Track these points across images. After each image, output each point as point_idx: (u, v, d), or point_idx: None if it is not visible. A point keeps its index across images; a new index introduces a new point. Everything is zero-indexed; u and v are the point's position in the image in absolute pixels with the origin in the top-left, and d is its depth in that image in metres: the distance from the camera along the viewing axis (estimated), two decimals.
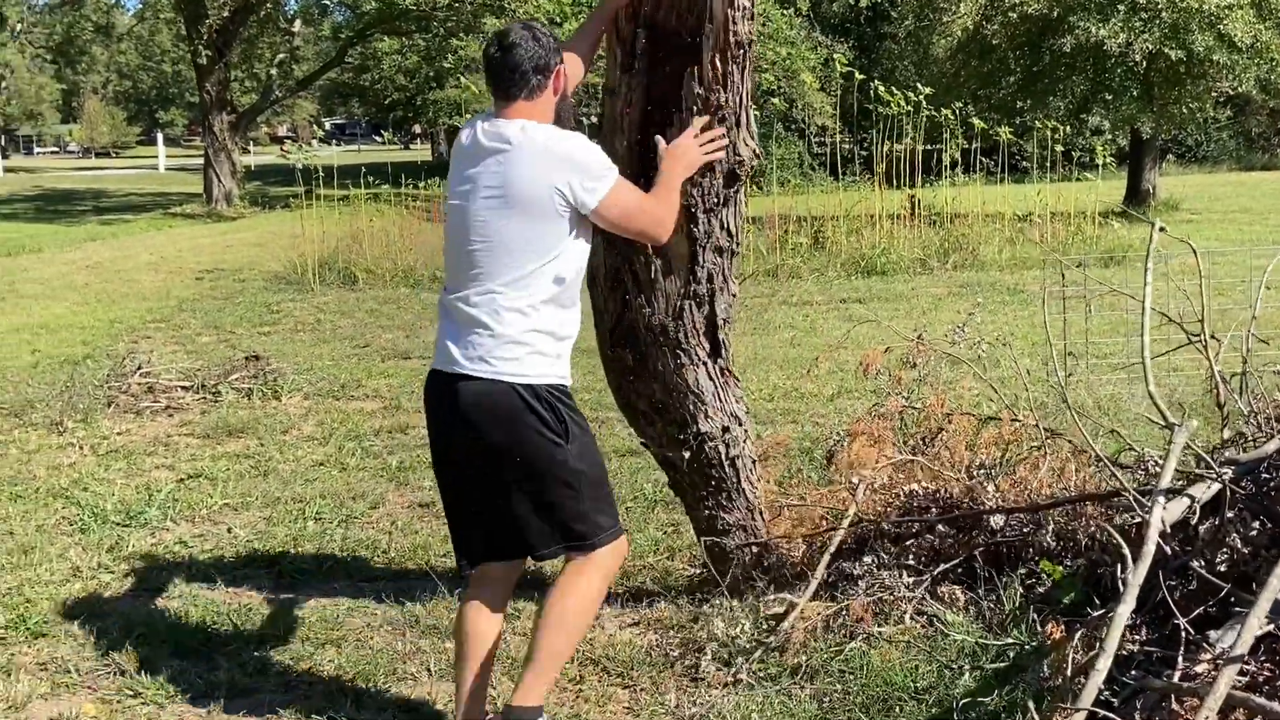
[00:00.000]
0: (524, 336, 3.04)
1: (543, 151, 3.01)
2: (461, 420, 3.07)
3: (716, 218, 3.70)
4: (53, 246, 19.34)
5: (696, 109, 3.55)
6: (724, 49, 3.54)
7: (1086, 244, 15.21)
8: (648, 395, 3.90)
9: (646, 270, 3.71)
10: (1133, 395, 6.52)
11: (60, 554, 4.83)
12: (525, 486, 3.08)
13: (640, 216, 3.18)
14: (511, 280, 3.03)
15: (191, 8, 26.34)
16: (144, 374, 7.92)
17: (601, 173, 3.07)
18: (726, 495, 4.11)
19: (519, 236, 3.01)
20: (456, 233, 3.11)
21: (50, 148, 79.51)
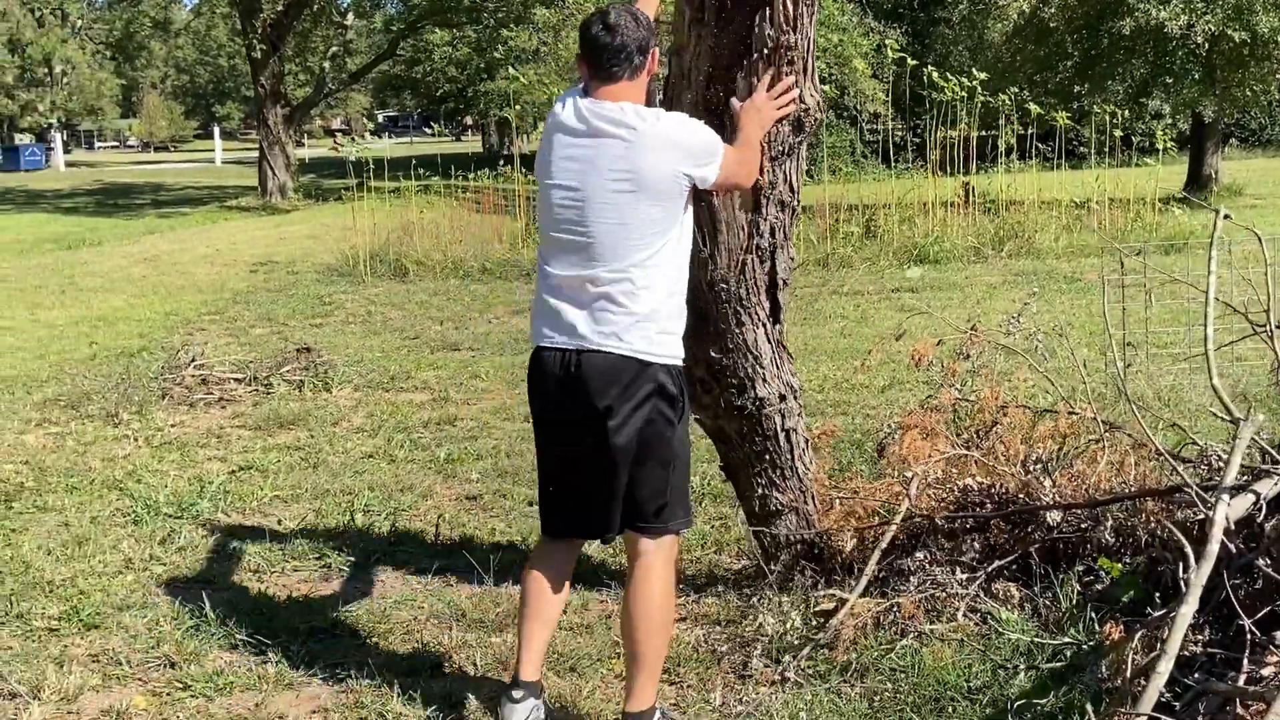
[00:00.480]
0: (655, 315, 3.15)
1: (667, 141, 3.13)
2: (585, 393, 3.14)
3: (781, 168, 3.74)
4: (112, 240, 19.61)
5: (767, 52, 3.59)
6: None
7: (1146, 230, 14.92)
8: (705, 360, 3.90)
9: (712, 224, 3.74)
10: (1194, 386, 6.38)
11: (113, 545, 4.86)
12: (630, 462, 3.17)
13: (739, 173, 3.34)
14: (643, 260, 3.13)
15: (246, 2, 26.58)
16: (198, 366, 7.99)
17: (715, 150, 3.21)
18: (780, 473, 4.09)
19: (648, 218, 3.13)
20: (574, 212, 3.15)
21: (111, 142, 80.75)
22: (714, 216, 3.73)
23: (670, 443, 3.20)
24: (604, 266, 3.12)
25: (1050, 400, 5.11)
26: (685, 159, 3.14)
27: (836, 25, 22.62)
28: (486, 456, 6.19)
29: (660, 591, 3.23)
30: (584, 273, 3.15)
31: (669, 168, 3.11)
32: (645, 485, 3.20)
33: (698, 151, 3.17)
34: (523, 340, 9.52)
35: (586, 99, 3.17)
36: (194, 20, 43.96)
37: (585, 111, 3.15)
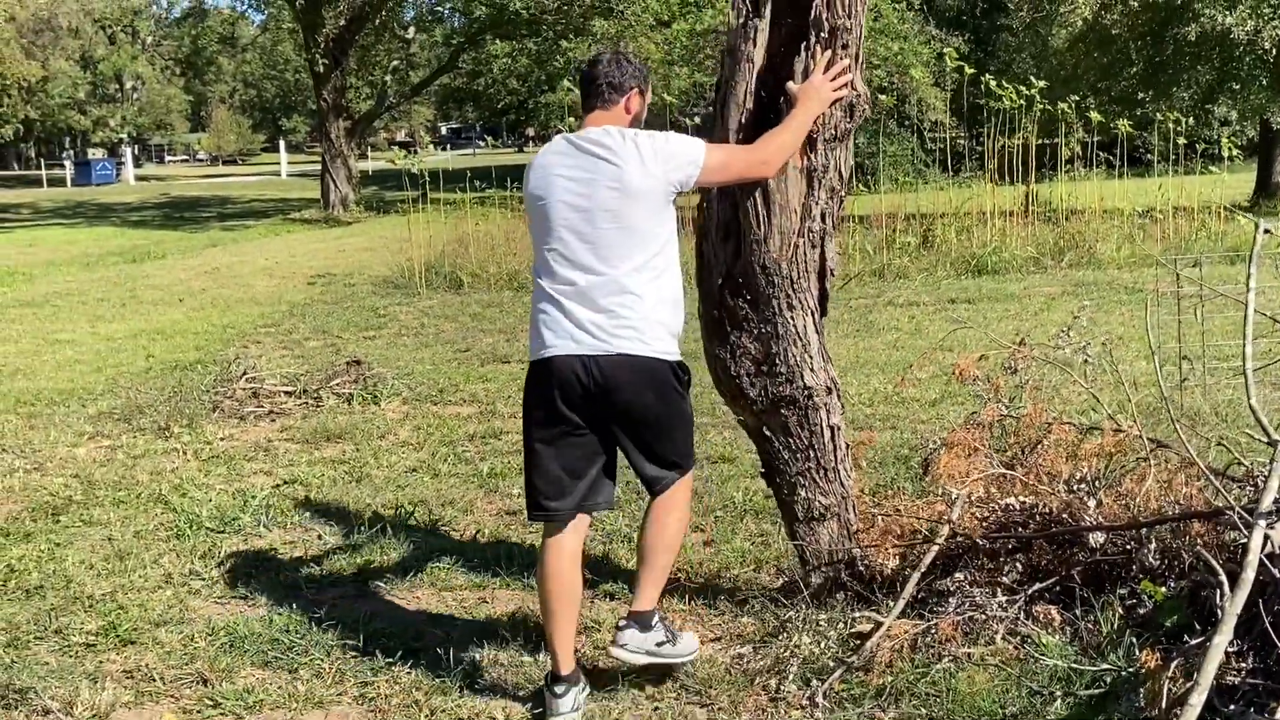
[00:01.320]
0: (657, 312, 3.50)
1: (650, 152, 3.46)
2: (604, 390, 3.46)
3: (833, 154, 3.86)
4: (175, 253, 19.96)
5: (825, 35, 3.76)
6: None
7: (1212, 240, 14.62)
8: (753, 351, 3.95)
9: (766, 207, 3.83)
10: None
11: (154, 560, 4.91)
12: (655, 437, 3.58)
13: (735, 164, 3.63)
14: (644, 263, 3.48)
15: (310, 17, 26.97)
16: (249, 379, 8.07)
17: (694, 153, 3.51)
18: (824, 474, 4.08)
19: (644, 224, 3.47)
20: (577, 224, 3.47)
21: (180, 156, 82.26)
22: (768, 200, 3.83)
23: (684, 412, 3.64)
24: (610, 272, 3.45)
25: (1099, 416, 4.98)
26: (671, 167, 3.48)
27: (897, 34, 22.45)
28: None
29: (676, 518, 3.69)
30: (592, 279, 3.45)
31: (657, 175, 3.46)
32: (675, 448, 3.63)
33: (679, 157, 3.49)
34: None
35: (575, 132, 3.58)
36: (261, 36, 44.74)
37: (573, 138, 3.55)
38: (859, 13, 3.81)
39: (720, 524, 5.16)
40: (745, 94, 3.86)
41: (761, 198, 3.82)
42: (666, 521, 3.67)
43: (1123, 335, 8.63)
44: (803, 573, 4.22)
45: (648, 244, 3.48)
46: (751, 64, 3.86)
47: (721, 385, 4.13)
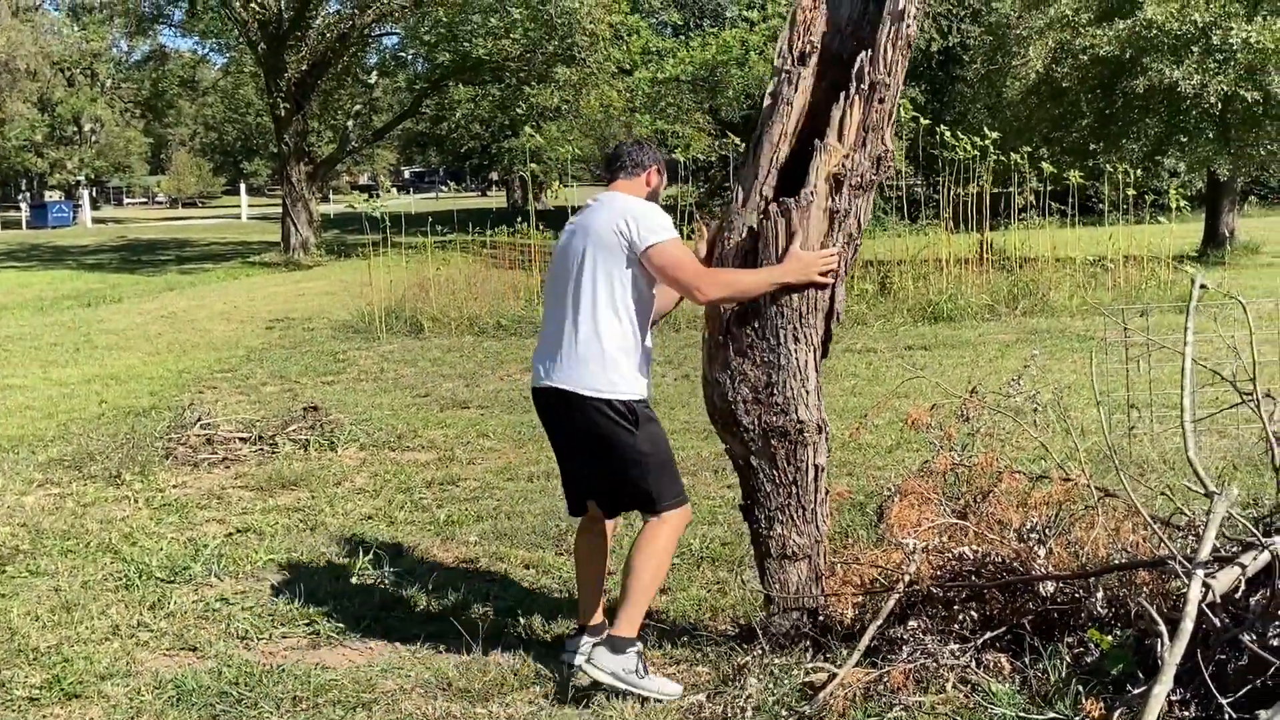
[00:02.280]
0: (604, 357, 3.91)
1: (619, 205, 3.97)
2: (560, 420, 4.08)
3: (856, 201, 4.01)
4: (132, 296, 19.80)
5: (865, 88, 3.93)
6: (895, 40, 3.97)
7: (1161, 289, 14.86)
8: (753, 379, 4.03)
9: (785, 240, 3.94)
10: (1201, 449, 6.29)
11: (102, 611, 4.84)
12: (598, 465, 4.06)
13: (682, 271, 3.88)
14: (594, 305, 3.91)
15: (271, 61, 26.99)
16: (204, 426, 8.01)
17: (657, 228, 3.89)
18: (803, 512, 4.14)
19: (601, 269, 3.90)
20: (556, 266, 4.09)
21: (139, 199, 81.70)
22: (790, 232, 3.93)
23: (634, 448, 3.93)
24: (570, 314, 3.95)
25: (1048, 465, 5.04)
26: (626, 219, 3.90)
27: None
28: (486, 518, 6.17)
29: (652, 548, 3.95)
30: (562, 319, 3.99)
31: (611, 222, 3.91)
32: (625, 485, 4.00)
33: (641, 218, 3.90)
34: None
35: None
36: (222, 79, 44.64)
37: (588, 201, 4.10)
38: (898, 72, 3.99)
39: (676, 571, 5.16)
40: (780, 136, 4.04)
41: (784, 231, 3.94)
42: (647, 552, 3.95)
43: (1073, 383, 8.74)
44: (764, 617, 4.24)
45: (600, 288, 3.91)
46: (790, 108, 4.04)
47: (716, 412, 4.18)
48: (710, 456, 7.09)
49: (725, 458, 4.47)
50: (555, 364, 3.96)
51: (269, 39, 26.82)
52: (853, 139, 3.96)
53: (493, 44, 26.58)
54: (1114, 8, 19.76)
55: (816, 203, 3.92)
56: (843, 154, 3.95)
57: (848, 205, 3.98)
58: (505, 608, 4.83)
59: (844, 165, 3.95)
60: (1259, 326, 5.26)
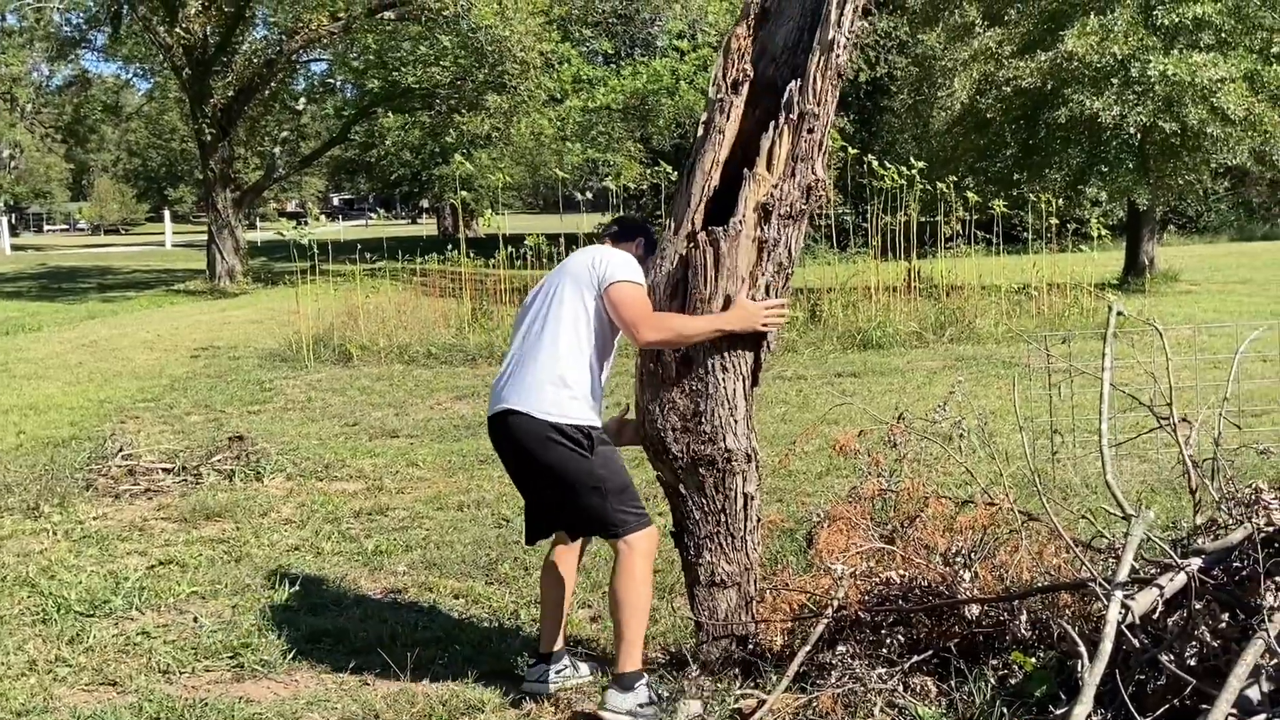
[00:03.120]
0: (562, 376, 3.94)
1: (599, 250, 4.07)
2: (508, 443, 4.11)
3: (785, 230, 3.99)
4: (52, 325, 19.40)
5: (794, 118, 3.94)
6: (825, 70, 3.98)
7: (1084, 316, 15.16)
8: (681, 407, 4.04)
9: (715, 269, 3.95)
10: (1120, 473, 6.42)
11: (18, 646, 4.73)
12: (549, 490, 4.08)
13: (628, 310, 3.90)
14: (554, 334, 3.97)
15: (197, 87, 26.68)
16: (126, 456, 7.86)
17: (625, 271, 3.95)
18: (732, 540, 4.15)
19: (569, 299, 3.98)
20: (533, 302, 4.15)
21: (60, 225, 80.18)
22: (718, 263, 3.93)
23: (590, 473, 3.92)
24: (534, 341, 4.02)
25: (973, 490, 5.10)
26: (599, 257, 3.99)
27: None
28: (415, 548, 6.11)
29: (631, 584, 3.91)
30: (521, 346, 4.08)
31: (584, 258, 4.03)
32: (584, 511, 3.98)
33: (612, 261, 3.96)
34: (463, 426, 9.46)
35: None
36: (146, 104, 44.09)
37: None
38: (829, 102, 3.99)
39: (609, 599, 5.14)
40: (712, 164, 4.06)
41: (712, 260, 3.93)
42: (623, 584, 3.94)
43: (998, 409, 8.88)
44: (694, 644, 4.24)
45: (571, 317, 3.97)
46: (722, 136, 4.07)
47: (646, 439, 4.18)
48: (642, 484, 7.08)
49: (656, 484, 4.47)
50: (511, 388, 3.98)
51: (194, 64, 26.52)
52: (782, 169, 3.96)
53: (422, 71, 26.51)
54: (1036, 40, 20.19)
55: (745, 232, 3.94)
56: (771, 183, 3.96)
57: (777, 235, 3.98)
58: (434, 638, 4.79)
59: (772, 195, 3.95)
60: (1177, 352, 5.39)
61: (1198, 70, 17.81)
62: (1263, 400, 8.64)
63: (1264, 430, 7.47)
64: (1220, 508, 3.63)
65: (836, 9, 3.96)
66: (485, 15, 23.32)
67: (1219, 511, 3.64)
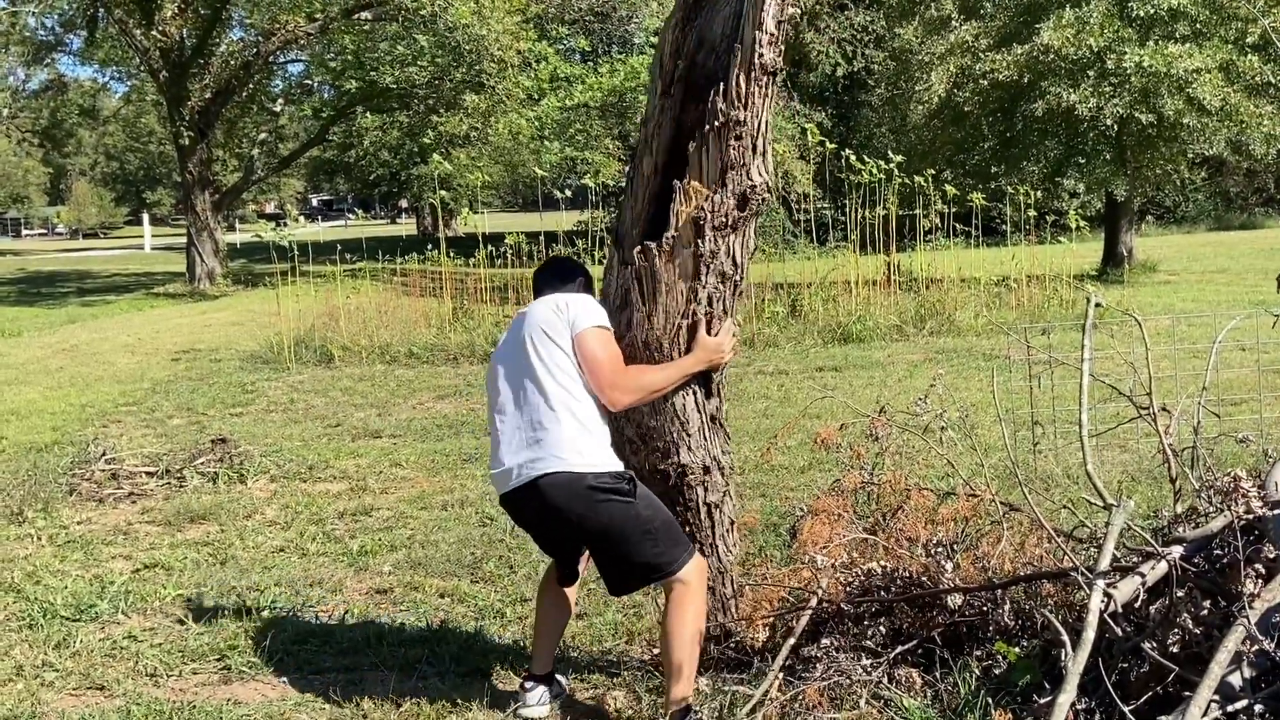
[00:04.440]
0: (583, 425, 3.76)
1: (554, 296, 3.90)
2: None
3: (724, 239, 3.86)
4: (32, 330, 19.29)
5: (718, 125, 3.78)
6: (749, 70, 3.78)
7: (1063, 307, 15.24)
8: (636, 419, 3.98)
9: (653, 284, 3.88)
10: (1101, 463, 6.47)
11: (4, 652, 4.72)
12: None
13: (599, 375, 3.75)
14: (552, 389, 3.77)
15: (174, 89, 26.57)
16: (109, 460, 7.84)
17: (590, 313, 3.80)
18: (699, 548, 4.06)
19: (549, 351, 3.77)
20: (505, 365, 3.91)
21: (38, 230, 79.72)
22: (655, 277, 3.86)
23: (637, 518, 3.71)
24: (530, 403, 3.81)
25: (955, 482, 5.14)
26: (562, 302, 3.84)
27: None
28: (400, 547, 6.12)
29: (684, 617, 3.73)
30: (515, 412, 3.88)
31: (551, 305, 3.85)
32: (637, 560, 3.76)
33: (581, 305, 3.81)
34: (445, 426, 9.46)
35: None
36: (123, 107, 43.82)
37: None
38: (757, 105, 3.80)
39: (593, 596, 5.17)
40: (652, 169, 3.96)
41: (649, 275, 3.87)
42: (675, 620, 3.74)
43: (979, 401, 8.93)
44: None
45: (560, 367, 3.77)
46: (659, 140, 3.96)
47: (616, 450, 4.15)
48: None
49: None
50: (530, 455, 3.70)
51: (171, 67, 26.40)
52: (714, 178, 3.82)
53: (400, 71, 26.46)
54: (1012, 34, 20.28)
55: (680, 246, 3.83)
56: (705, 194, 3.81)
57: (714, 246, 3.84)
58: (420, 637, 4.80)
59: (703, 208, 3.80)
60: (1156, 342, 5.45)
61: (1173, 61, 17.92)
62: (1241, 389, 8.69)
63: (1242, 419, 7.52)
64: (1200, 496, 3.67)
65: (755, 7, 3.77)
66: (462, 14, 23.28)
67: (1199, 500, 3.68)
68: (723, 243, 3.85)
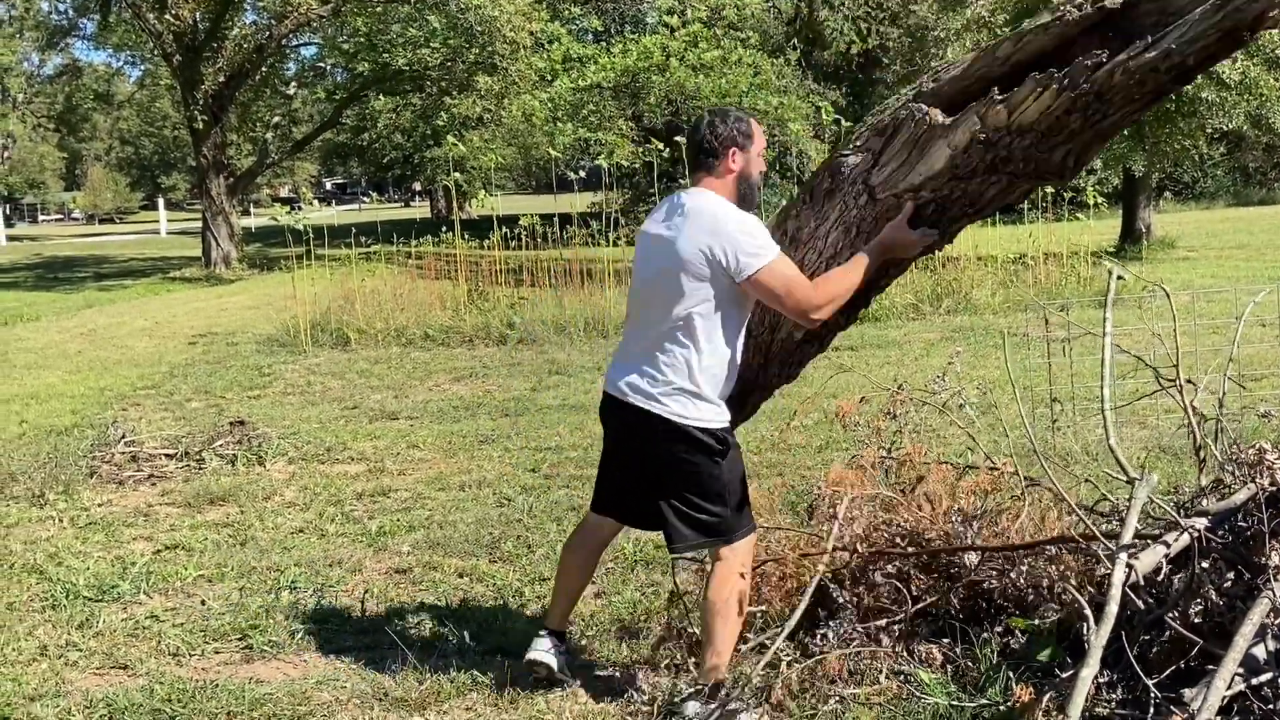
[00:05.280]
0: (694, 377, 3.62)
1: (706, 223, 3.53)
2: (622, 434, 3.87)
3: (1010, 149, 3.42)
4: (50, 314, 19.37)
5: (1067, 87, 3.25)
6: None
7: (1081, 284, 15.16)
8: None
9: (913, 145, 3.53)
10: (1121, 439, 6.44)
11: (29, 632, 4.75)
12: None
13: (791, 298, 3.53)
14: (676, 329, 3.60)
15: (188, 73, 26.59)
16: (128, 443, 7.88)
17: (757, 250, 3.50)
18: None
19: (688, 293, 3.55)
20: (647, 278, 3.72)
21: (54, 215, 80.00)
22: (922, 141, 3.52)
23: (718, 479, 3.68)
24: (656, 332, 3.66)
25: (972, 458, 5.13)
26: (719, 241, 3.50)
27: (776, 89, 22.95)
28: (419, 528, 6.13)
29: (719, 592, 3.65)
30: (632, 330, 3.81)
31: (701, 244, 3.52)
32: (701, 515, 3.71)
33: (735, 241, 3.49)
34: (462, 407, 9.47)
35: (684, 192, 3.70)
36: (138, 92, 43.94)
37: (671, 200, 3.73)
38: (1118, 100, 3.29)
39: (611, 575, 5.18)
40: (1007, 54, 3.47)
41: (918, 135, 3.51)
42: (714, 592, 3.69)
43: (997, 379, 8.90)
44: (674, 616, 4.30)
45: (683, 304, 3.57)
46: (1036, 39, 3.44)
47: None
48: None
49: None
50: (638, 379, 3.66)
51: (184, 51, 26.41)
52: (1015, 120, 3.31)
53: (412, 53, 26.41)
54: (1028, 9, 20.11)
55: (965, 123, 3.41)
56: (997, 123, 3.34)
57: (1002, 150, 3.39)
58: (440, 616, 4.81)
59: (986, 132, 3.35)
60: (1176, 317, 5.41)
61: None
62: (1261, 365, 8.64)
63: (1264, 394, 7.49)
64: (1224, 469, 3.65)
65: None
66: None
67: (1223, 472, 3.66)
68: (1006, 150, 3.38)
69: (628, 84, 25.44)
